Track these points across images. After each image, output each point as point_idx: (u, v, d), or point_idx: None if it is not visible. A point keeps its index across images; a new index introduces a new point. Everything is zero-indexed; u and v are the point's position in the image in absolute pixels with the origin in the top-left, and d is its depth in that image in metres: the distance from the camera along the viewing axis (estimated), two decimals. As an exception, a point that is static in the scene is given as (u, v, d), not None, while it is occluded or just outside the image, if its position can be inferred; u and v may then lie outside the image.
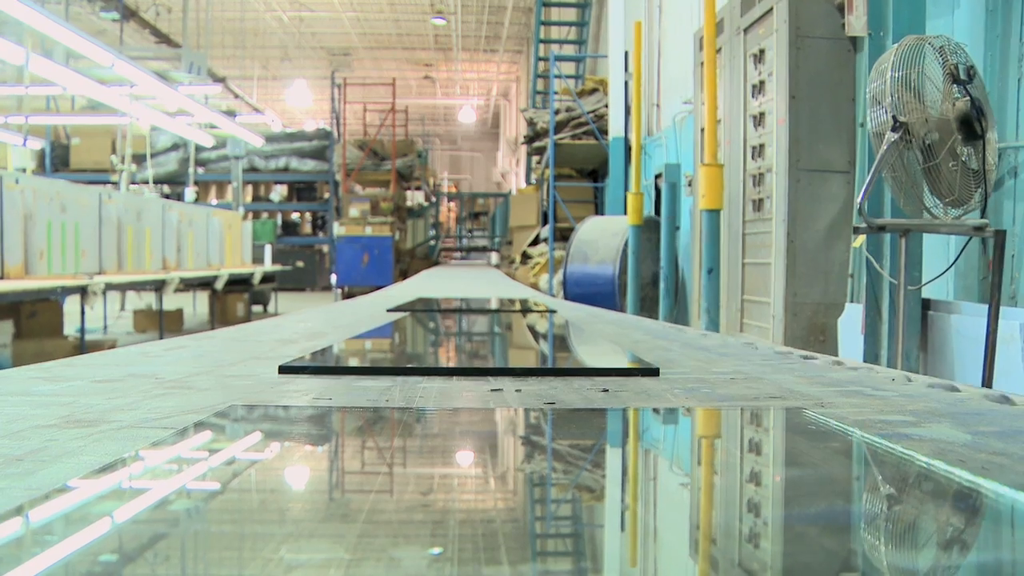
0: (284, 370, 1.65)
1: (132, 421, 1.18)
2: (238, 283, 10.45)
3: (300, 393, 1.44)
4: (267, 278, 11.70)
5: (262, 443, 1.13)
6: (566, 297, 7.68)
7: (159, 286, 7.16)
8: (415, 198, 23.46)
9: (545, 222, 13.01)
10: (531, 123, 11.42)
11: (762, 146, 5.10)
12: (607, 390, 1.47)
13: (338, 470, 1.01)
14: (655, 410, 1.32)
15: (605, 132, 10.51)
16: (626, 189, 10.07)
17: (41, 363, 1.83)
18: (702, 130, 6.44)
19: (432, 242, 21.91)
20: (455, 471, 1.02)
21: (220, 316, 10.18)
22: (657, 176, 8.64)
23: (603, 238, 7.68)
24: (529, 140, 11.94)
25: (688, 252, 8.09)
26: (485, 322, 3.38)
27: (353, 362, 1.93)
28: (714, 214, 4.51)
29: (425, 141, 29.68)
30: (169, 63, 7.33)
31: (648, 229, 7.89)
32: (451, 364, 1.90)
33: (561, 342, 2.59)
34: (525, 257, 12.91)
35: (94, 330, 9.27)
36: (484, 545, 0.70)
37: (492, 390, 1.48)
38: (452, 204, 29.56)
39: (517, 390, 1.48)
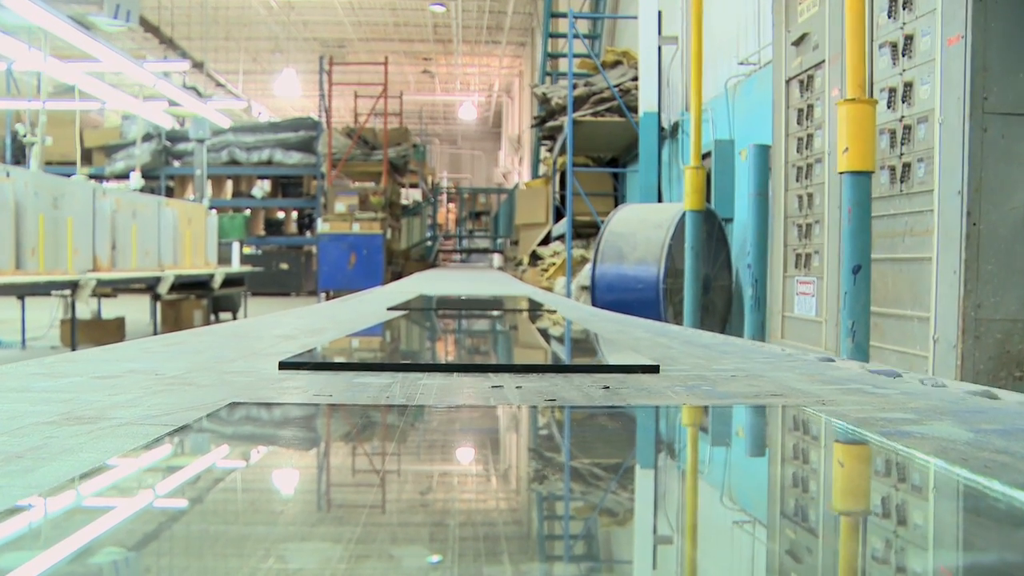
0: (284, 366, 1.64)
1: (132, 418, 1.16)
2: (195, 287, 8.78)
3: (300, 390, 1.42)
4: (234, 281, 10.02)
5: (262, 440, 1.12)
6: (595, 304, 6.03)
7: (72, 290, 5.53)
8: (411, 197, 21.75)
9: (558, 217, 11.35)
10: (544, 99, 9.69)
11: (908, 86, 3.45)
12: (608, 387, 1.46)
13: (338, 468, 0.99)
14: (655, 407, 1.30)
15: (632, 109, 8.87)
16: (658, 173, 8.42)
17: (41, 359, 1.78)
18: (787, 81, 4.79)
19: (429, 243, 20.11)
20: (457, 470, 0.99)
21: (172, 326, 8.51)
22: (704, 156, 7.00)
23: (642, 230, 6.03)
24: (541, 121, 10.24)
25: (746, 248, 6.44)
26: (485, 319, 3.32)
27: (354, 358, 1.91)
28: (862, 179, 2.86)
29: (424, 140, 28.03)
30: (84, 7, 5.77)
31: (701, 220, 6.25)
32: (451, 360, 1.87)
33: (561, 339, 2.54)
34: (535, 258, 11.26)
35: (10, 344, 7.60)
36: (489, 549, 0.66)
37: (493, 387, 1.46)
38: (451, 205, 27.91)
39: (518, 387, 1.46)
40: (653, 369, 1.63)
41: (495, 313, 3.57)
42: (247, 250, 18.78)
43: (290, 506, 0.81)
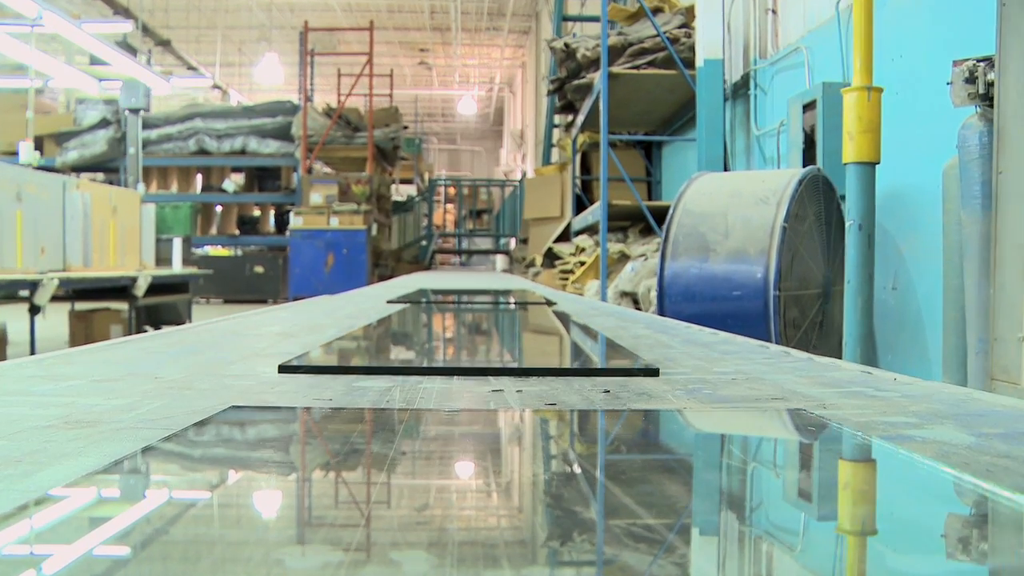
0: (284, 369, 1.65)
1: (132, 422, 1.14)
2: (112, 293, 6.73)
3: (299, 394, 1.40)
4: (176, 286, 7.94)
5: (259, 447, 1.10)
6: (662, 313, 3.98)
7: None
8: (406, 194, 19.66)
9: (579, 209, 9.27)
10: (567, 53, 7.55)
11: None
12: (608, 391, 1.44)
13: (337, 476, 0.97)
14: (655, 411, 1.29)
15: (683, 62, 6.82)
16: (724, 141, 6.36)
17: (39, 358, 1.79)
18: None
19: (424, 242, 17.97)
20: (460, 474, 0.98)
21: (82, 344, 6.46)
22: (807, 106, 4.96)
23: (737, 208, 3.97)
24: (560, 84, 8.14)
25: (918, 238, 4.39)
26: (486, 318, 3.28)
27: (353, 361, 1.89)
28: None
29: (420, 137, 26.02)
30: None
31: (814, 194, 4.23)
32: (451, 363, 1.80)
33: (562, 340, 2.50)
34: (551, 258, 9.18)
35: None
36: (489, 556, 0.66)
37: (493, 390, 1.44)
38: (450, 206, 25.90)
39: (518, 391, 1.44)
40: (653, 372, 1.62)
41: (494, 310, 3.59)
42: (224, 252, 16.71)
43: (289, 510, 0.82)
